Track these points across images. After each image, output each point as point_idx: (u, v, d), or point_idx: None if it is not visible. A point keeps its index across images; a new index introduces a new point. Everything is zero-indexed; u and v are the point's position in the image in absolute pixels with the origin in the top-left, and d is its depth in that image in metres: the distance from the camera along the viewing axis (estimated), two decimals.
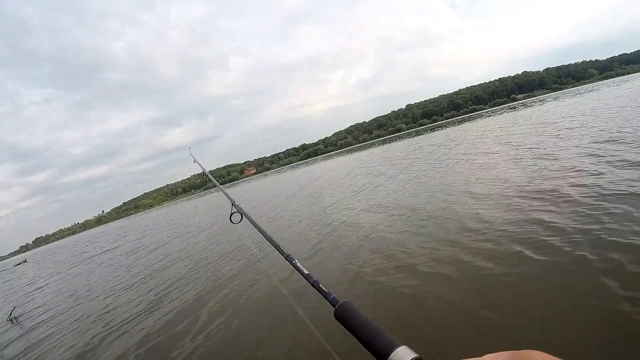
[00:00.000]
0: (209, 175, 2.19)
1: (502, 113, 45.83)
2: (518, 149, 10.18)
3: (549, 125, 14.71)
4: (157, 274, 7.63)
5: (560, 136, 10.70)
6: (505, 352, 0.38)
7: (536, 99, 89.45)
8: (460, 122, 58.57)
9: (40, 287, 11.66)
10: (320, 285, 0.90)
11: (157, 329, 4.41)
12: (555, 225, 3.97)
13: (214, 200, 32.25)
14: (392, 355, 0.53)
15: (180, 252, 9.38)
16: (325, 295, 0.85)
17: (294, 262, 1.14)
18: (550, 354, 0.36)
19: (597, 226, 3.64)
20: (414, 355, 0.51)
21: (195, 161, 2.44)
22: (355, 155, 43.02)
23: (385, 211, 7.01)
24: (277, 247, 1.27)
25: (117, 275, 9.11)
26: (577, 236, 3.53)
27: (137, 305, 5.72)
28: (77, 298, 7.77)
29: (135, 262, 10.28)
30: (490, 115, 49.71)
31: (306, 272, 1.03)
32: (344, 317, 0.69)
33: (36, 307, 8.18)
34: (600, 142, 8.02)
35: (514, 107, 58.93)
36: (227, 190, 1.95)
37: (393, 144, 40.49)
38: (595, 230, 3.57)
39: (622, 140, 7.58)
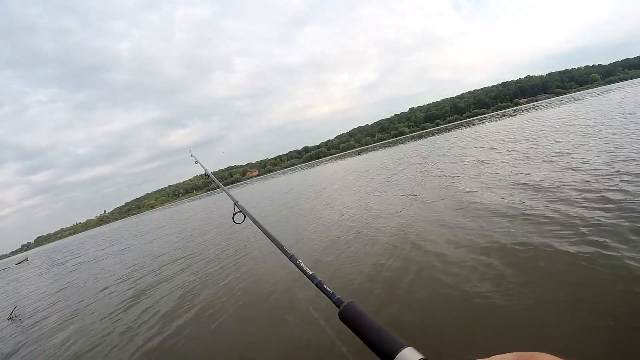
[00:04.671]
0: (212, 176, 2.19)
1: (483, 123, 45.82)
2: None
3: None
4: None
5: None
6: (511, 353, 0.38)
7: (530, 105, 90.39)
8: (447, 130, 58.96)
9: (40, 286, 11.67)
10: (325, 285, 0.89)
11: (168, 327, 4.42)
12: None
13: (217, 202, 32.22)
14: (398, 356, 0.51)
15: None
16: (329, 295, 0.83)
17: (297, 262, 1.13)
18: (558, 356, 0.36)
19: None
20: (420, 356, 0.50)
21: (197, 162, 2.44)
22: (354, 159, 43.05)
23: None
24: (281, 248, 1.25)
25: (116, 272, 9.12)
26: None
27: (140, 302, 5.73)
28: (77, 297, 7.79)
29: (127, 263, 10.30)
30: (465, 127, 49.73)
31: (310, 272, 1.02)
32: (349, 318, 0.68)
33: (36, 306, 8.16)
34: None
35: (504, 115, 59.84)
36: (230, 191, 1.95)
37: (396, 148, 40.54)
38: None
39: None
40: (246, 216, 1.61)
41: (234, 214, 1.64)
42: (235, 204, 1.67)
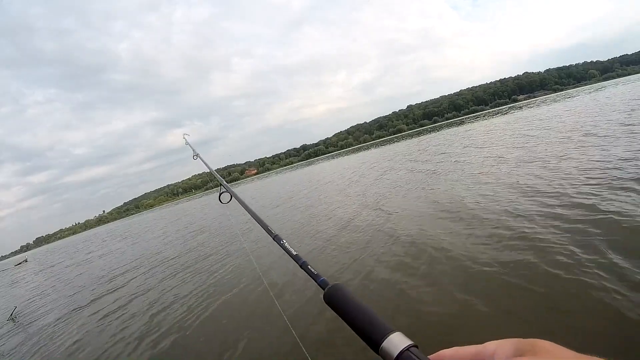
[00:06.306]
0: (200, 156, 2.17)
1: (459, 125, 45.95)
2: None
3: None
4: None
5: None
6: (509, 339, 0.37)
7: (524, 103, 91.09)
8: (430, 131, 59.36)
9: (39, 287, 11.66)
10: (310, 267, 0.83)
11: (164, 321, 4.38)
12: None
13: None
14: (385, 342, 0.48)
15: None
16: (314, 277, 0.78)
17: (281, 242, 1.09)
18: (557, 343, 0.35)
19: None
20: (409, 342, 0.47)
21: (187, 143, 2.41)
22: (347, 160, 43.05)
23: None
24: (265, 227, 1.21)
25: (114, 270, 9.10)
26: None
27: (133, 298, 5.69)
28: (76, 297, 7.77)
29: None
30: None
31: (295, 252, 0.97)
32: (334, 300, 0.63)
33: (36, 307, 8.12)
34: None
35: (499, 112, 60.50)
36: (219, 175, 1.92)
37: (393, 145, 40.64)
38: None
39: None
40: (232, 196, 1.57)
41: (220, 194, 1.60)
42: (221, 184, 1.63)
